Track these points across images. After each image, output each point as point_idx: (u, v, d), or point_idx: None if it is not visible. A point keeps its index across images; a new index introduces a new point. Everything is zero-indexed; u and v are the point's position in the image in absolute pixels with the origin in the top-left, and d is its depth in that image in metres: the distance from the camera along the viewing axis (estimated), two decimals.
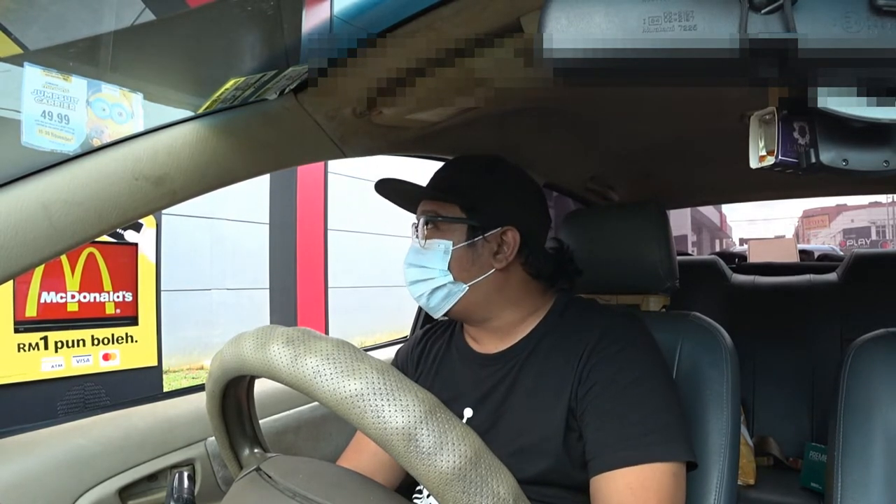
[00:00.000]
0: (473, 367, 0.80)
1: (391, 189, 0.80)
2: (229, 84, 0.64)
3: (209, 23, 0.63)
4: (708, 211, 19.42)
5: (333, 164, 5.13)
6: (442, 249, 0.74)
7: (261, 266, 4.97)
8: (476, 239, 0.75)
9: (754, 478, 1.48)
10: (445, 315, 0.78)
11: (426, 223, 0.77)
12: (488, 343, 0.80)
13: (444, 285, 0.74)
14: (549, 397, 0.70)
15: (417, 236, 0.77)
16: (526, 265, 0.77)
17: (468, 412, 0.77)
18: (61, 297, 2.20)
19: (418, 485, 0.82)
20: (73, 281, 2.22)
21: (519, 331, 0.78)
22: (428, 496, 0.80)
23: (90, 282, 2.26)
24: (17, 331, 2.10)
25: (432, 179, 0.81)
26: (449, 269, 0.74)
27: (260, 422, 0.58)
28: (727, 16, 0.37)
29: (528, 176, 0.84)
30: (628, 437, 0.64)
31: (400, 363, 0.91)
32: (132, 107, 0.66)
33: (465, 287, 0.75)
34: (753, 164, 0.51)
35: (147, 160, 0.64)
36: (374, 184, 0.80)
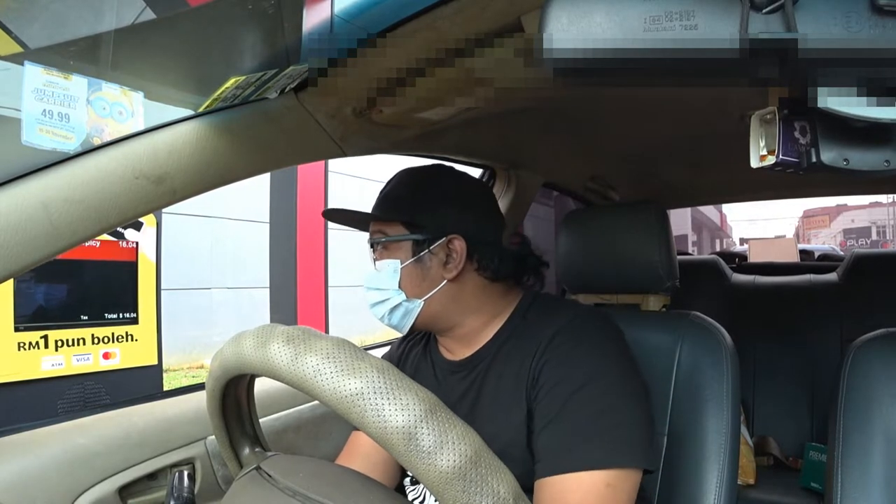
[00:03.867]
0: (444, 376, 0.79)
1: (341, 217, 0.82)
2: (230, 83, 0.64)
3: (209, 22, 0.63)
4: (708, 211, 19.42)
5: (334, 164, 5.13)
6: (392, 269, 0.74)
7: (261, 265, 4.97)
8: (422, 253, 0.74)
9: (754, 478, 1.48)
10: (410, 331, 0.78)
11: (374, 245, 0.77)
12: (457, 350, 0.79)
13: (400, 304, 0.74)
14: (510, 402, 0.69)
15: (371, 259, 0.78)
16: (479, 270, 0.75)
17: None
18: None
19: (405, 489, 0.82)
20: None
21: (483, 335, 0.77)
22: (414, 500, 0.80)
23: None
24: (17, 329, 2.11)
25: (377, 199, 0.80)
26: (401, 287, 0.74)
27: (260, 421, 0.58)
28: (728, 15, 0.37)
29: (471, 179, 0.82)
30: (568, 443, 0.61)
31: None
32: (132, 105, 0.66)
33: (421, 302, 0.74)
34: (754, 163, 0.51)
35: (147, 159, 0.64)
36: (322, 213, 0.81)
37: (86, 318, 2.30)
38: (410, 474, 0.77)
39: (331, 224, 4.91)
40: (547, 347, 0.68)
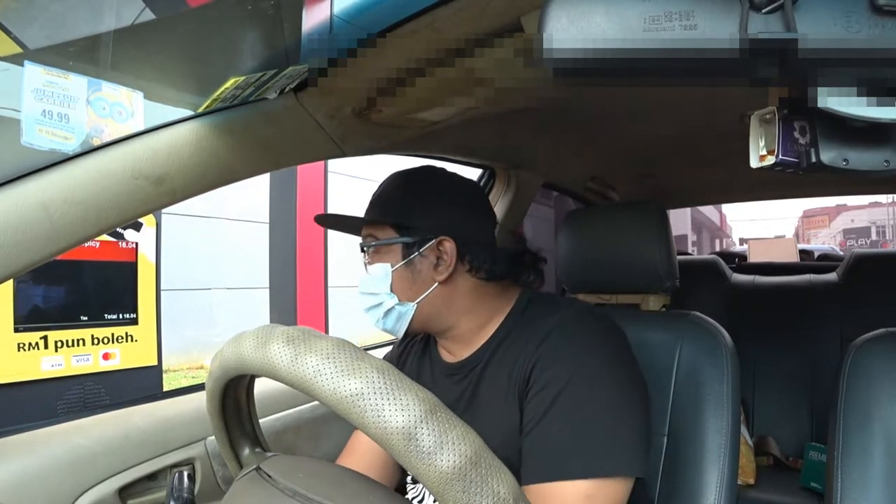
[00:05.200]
0: (441, 378, 0.79)
1: (332, 222, 0.81)
2: (229, 83, 0.64)
3: (209, 22, 0.63)
4: (708, 211, 19.43)
5: (333, 164, 5.13)
6: (383, 273, 0.74)
7: (261, 266, 4.97)
8: (412, 256, 0.73)
9: (754, 478, 1.48)
10: (406, 334, 0.77)
11: (364, 249, 0.77)
12: (455, 351, 0.78)
13: (393, 308, 0.74)
14: (504, 405, 0.68)
15: (363, 263, 0.77)
16: (472, 271, 0.74)
17: None
18: None
19: (405, 488, 0.82)
20: None
21: (480, 336, 0.76)
22: (415, 499, 0.80)
23: None
24: (17, 330, 2.11)
25: (368, 202, 0.80)
26: (393, 290, 0.74)
27: (260, 421, 0.58)
28: (728, 15, 0.37)
29: (462, 179, 0.81)
30: (546, 451, 0.60)
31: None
32: (132, 105, 0.66)
33: (413, 306, 0.74)
34: (754, 163, 0.51)
35: (147, 159, 0.64)
36: (313, 218, 0.81)
37: (85, 318, 2.30)
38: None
39: None
40: (538, 348, 0.66)
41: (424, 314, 0.74)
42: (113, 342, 2.36)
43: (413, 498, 0.80)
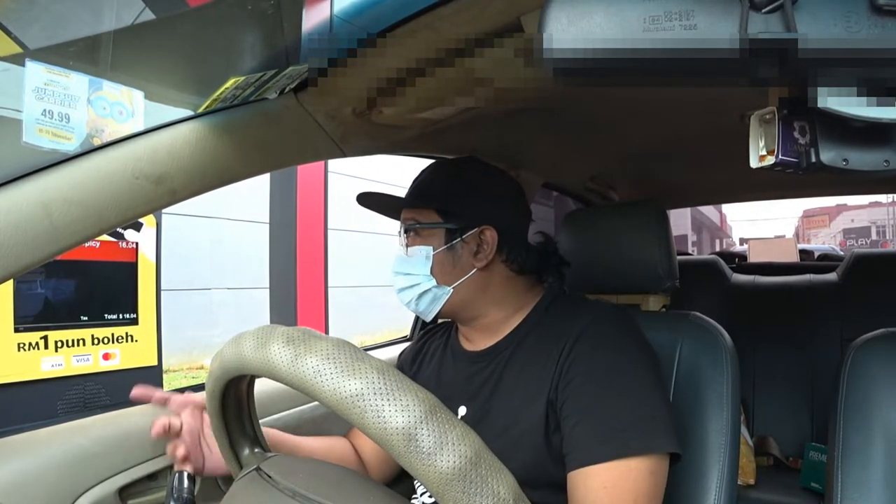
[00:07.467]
0: (464, 365, 0.81)
1: (372, 202, 0.83)
2: (229, 83, 0.64)
3: (209, 22, 0.63)
4: (708, 211, 19.43)
5: (333, 164, 5.12)
6: (424, 255, 0.76)
7: (261, 265, 4.97)
8: (455, 241, 0.76)
9: (754, 478, 1.48)
10: (435, 318, 0.80)
11: (406, 231, 0.79)
12: (478, 340, 0.81)
13: (430, 290, 0.76)
14: (531, 392, 0.71)
15: (401, 245, 0.80)
16: (507, 262, 0.78)
17: (462, 410, 0.78)
18: None
19: (414, 492, 0.83)
20: None
21: (505, 327, 0.79)
22: (422, 495, 0.80)
23: None
24: (17, 330, 2.10)
25: (410, 187, 0.83)
26: (432, 273, 0.76)
27: (260, 421, 0.58)
28: (728, 15, 0.37)
29: (504, 174, 0.85)
30: (604, 433, 0.63)
31: (401, 363, 0.93)
32: (133, 105, 0.66)
33: (450, 290, 0.76)
34: (753, 163, 0.51)
35: (147, 159, 0.64)
36: (355, 197, 0.83)
37: (86, 318, 2.30)
38: None
39: (330, 224, 4.91)
40: (575, 343, 0.69)
41: (458, 299, 0.77)
42: (113, 342, 2.36)
43: (423, 493, 0.80)
